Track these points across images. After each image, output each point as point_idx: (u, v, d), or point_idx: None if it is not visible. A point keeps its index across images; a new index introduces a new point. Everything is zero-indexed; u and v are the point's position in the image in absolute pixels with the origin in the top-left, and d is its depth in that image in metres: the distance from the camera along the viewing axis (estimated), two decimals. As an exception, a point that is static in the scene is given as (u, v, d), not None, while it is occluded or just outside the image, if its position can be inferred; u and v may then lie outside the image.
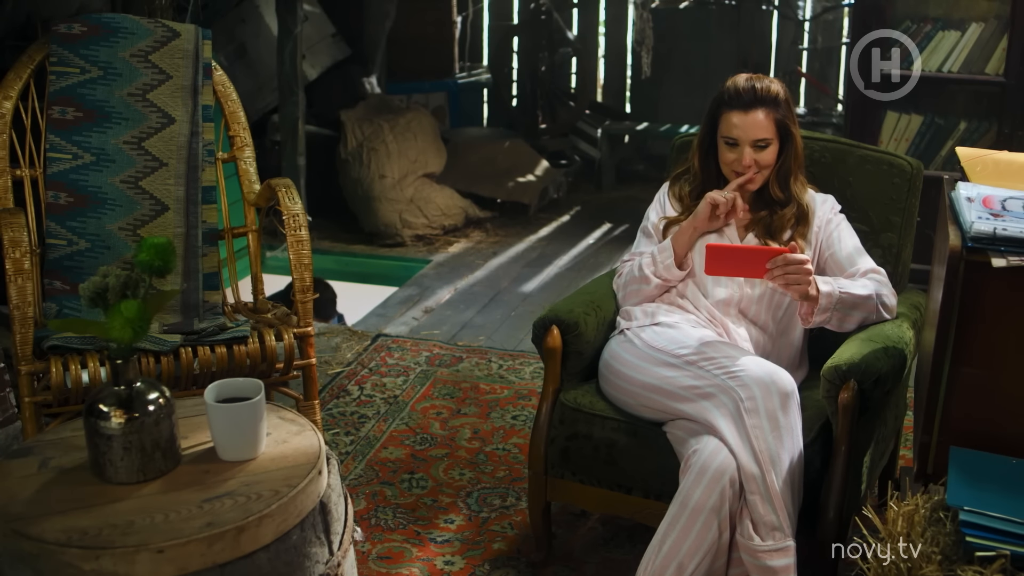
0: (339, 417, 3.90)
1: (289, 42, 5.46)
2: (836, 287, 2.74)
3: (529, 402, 3.98)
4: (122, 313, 2.14)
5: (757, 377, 2.56)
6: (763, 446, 2.49)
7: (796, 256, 2.64)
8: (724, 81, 2.94)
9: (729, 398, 2.56)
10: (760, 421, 2.51)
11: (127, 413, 2.14)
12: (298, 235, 3.15)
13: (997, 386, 2.29)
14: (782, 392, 2.54)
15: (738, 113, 2.85)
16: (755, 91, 2.85)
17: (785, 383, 2.56)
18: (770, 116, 2.84)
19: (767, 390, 2.53)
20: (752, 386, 2.54)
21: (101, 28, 3.44)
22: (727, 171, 2.93)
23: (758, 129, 2.84)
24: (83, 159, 3.36)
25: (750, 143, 2.85)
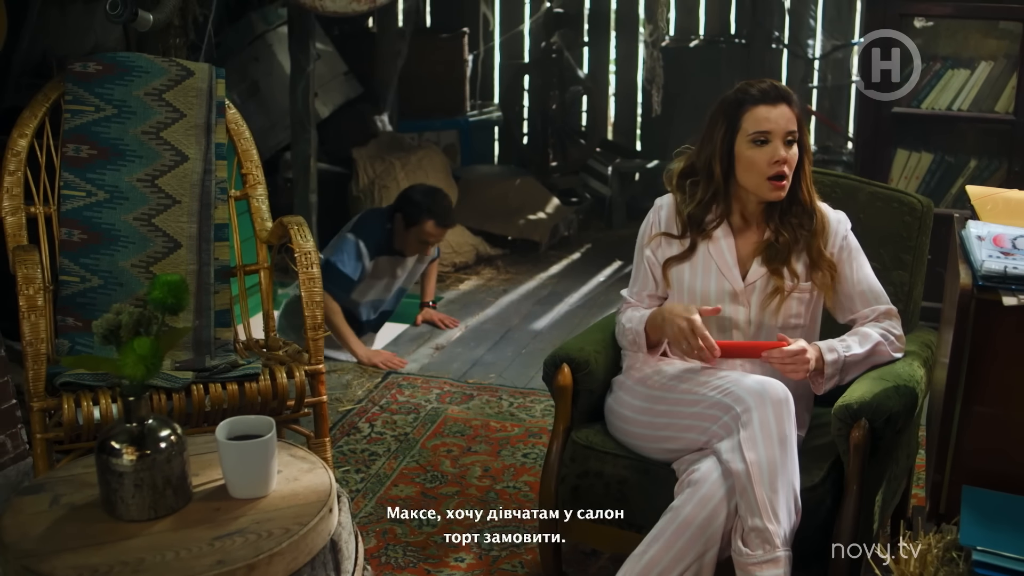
0: (349, 454, 3.89)
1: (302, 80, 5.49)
2: (842, 353, 2.73)
3: (540, 440, 3.97)
4: (135, 350, 2.15)
5: (749, 388, 2.58)
6: (754, 456, 2.49)
7: (791, 349, 2.66)
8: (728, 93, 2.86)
9: (726, 414, 2.59)
10: (753, 432, 2.52)
11: (139, 450, 2.15)
12: (310, 272, 3.16)
13: (1009, 425, 2.28)
14: (774, 401, 2.54)
15: (766, 107, 2.75)
16: (777, 88, 2.79)
17: (777, 392, 2.56)
18: (793, 112, 2.77)
19: (760, 399, 2.54)
20: (745, 398, 2.56)
21: (116, 67, 3.47)
22: (756, 179, 2.78)
23: (789, 121, 2.75)
24: (97, 196, 3.39)
25: (782, 137, 2.75)
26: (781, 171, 2.75)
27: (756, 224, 2.89)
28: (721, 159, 2.81)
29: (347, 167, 6.36)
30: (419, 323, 5.33)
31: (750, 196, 2.84)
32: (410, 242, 4.88)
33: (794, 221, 2.83)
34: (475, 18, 7.29)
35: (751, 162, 2.77)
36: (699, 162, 2.88)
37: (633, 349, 2.91)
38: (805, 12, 6.89)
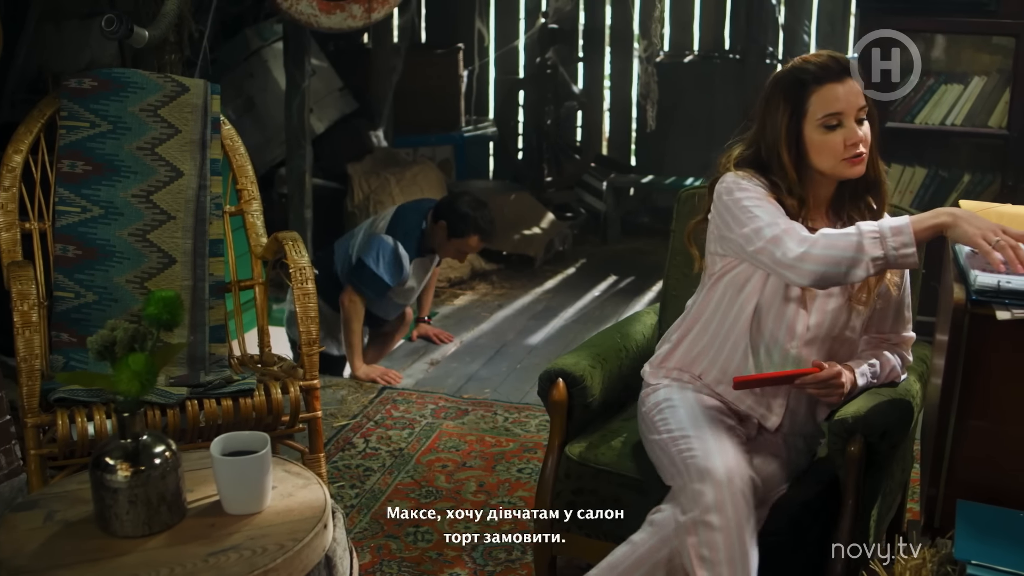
0: (344, 470, 3.89)
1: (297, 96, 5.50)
2: (870, 377, 2.67)
3: (535, 455, 3.97)
4: (129, 366, 2.15)
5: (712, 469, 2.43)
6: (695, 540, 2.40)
7: (826, 375, 2.54)
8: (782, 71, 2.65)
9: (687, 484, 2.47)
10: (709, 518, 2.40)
11: (133, 466, 2.15)
12: (304, 288, 3.16)
13: (1004, 439, 2.28)
14: (732, 489, 2.41)
15: (833, 85, 2.54)
16: (838, 61, 2.57)
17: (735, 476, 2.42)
18: (860, 86, 2.58)
19: (719, 485, 2.41)
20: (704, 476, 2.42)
21: (111, 83, 3.48)
22: (832, 162, 2.57)
23: (858, 96, 2.56)
24: (92, 212, 3.39)
25: (854, 115, 2.55)
26: (858, 151, 2.56)
27: (826, 214, 2.68)
28: (789, 147, 2.58)
29: (342, 182, 6.37)
30: (415, 338, 5.32)
31: (824, 179, 2.62)
32: (449, 250, 4.86)
33: (865, 201, 2.64)
34: (470, 34, 7.32)
35: (824, 146, 2.56)
36: (765, 150, 2.63)
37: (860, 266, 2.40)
38: (799, 27, 6.92)
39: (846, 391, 2.60)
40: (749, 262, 2.61)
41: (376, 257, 4.65)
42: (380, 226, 4.78)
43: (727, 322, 2.71)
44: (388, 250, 4.67)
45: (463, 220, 4.75)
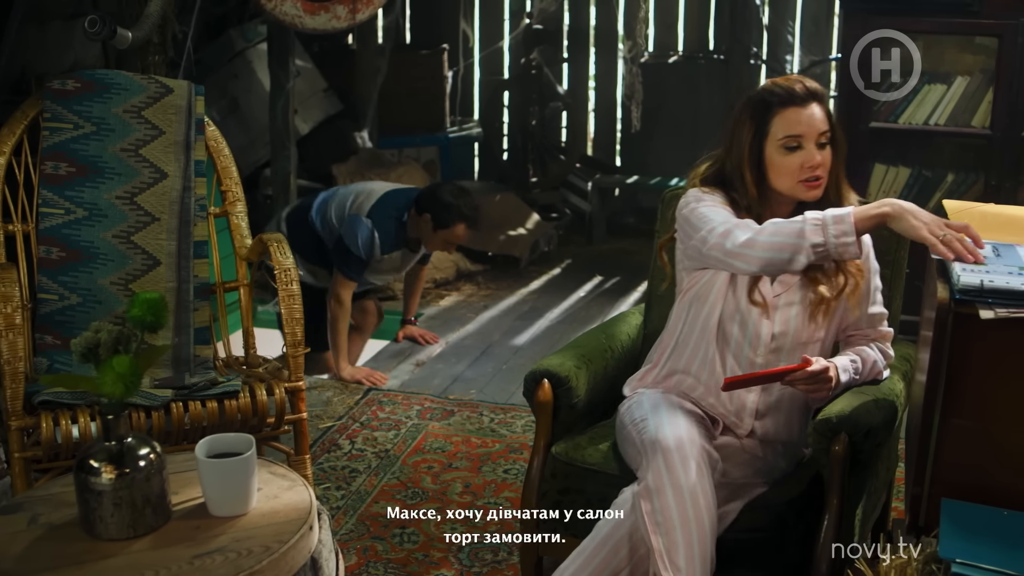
0: (330, 471, 3.88)
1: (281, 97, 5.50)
2: (852, 375, 2.69)
3: (521, 456, 3.97)
4: (114, 368, 2.15)
5: (649, 437, 2.55)
6: (648, 507, 2.47)
7: (814, 370, 2.56)
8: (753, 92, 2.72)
9: (641, 457, 2.57)
10: (647, 483, 2.49)
11: (118, 469, 2.14)
12: (289, 289, 3.16)
13: (988, 437, 2.29)
14: (664, 450, 2.50)
15: (796, 109, 2.62)
16: (806, 86, 2.65)
17: (667, 440, 2.51)
18: (824, 111, 2.65)
19: (653, 449, 2.52)
20: (656, 447, 2.52)
21: (95, 84, 3.47)
22: (789, 183, 2.65)
23: (820, 122, 2.63)
24: (75, 214, 3.38)
25: (814, 140, 2.62)
26: (815, 175, 2.64)
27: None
28: (751, 165, 2.67)
29: (327, 183, 6.35)
30: (400, 339, 5.30)
31: (783, 199, 2.70)
32: (436, 242, 4.79)
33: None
34: (455, 35, 7.31)
35: (783, 167, 2.65)
36: (729, 167, 2.73)
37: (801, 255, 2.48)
38: (783, 28, 6.94)
39: (834, 385, 2.62)
40: (708, 264, 2.69)
41: (355, 240, 4.60)
42: (364, 207, 4.70)
43: (694, 334, 2.80)
44: (366, 234, 4.61)
45: (447, 210, 4.68)
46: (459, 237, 4.78)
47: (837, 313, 2.75)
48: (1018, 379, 2.23)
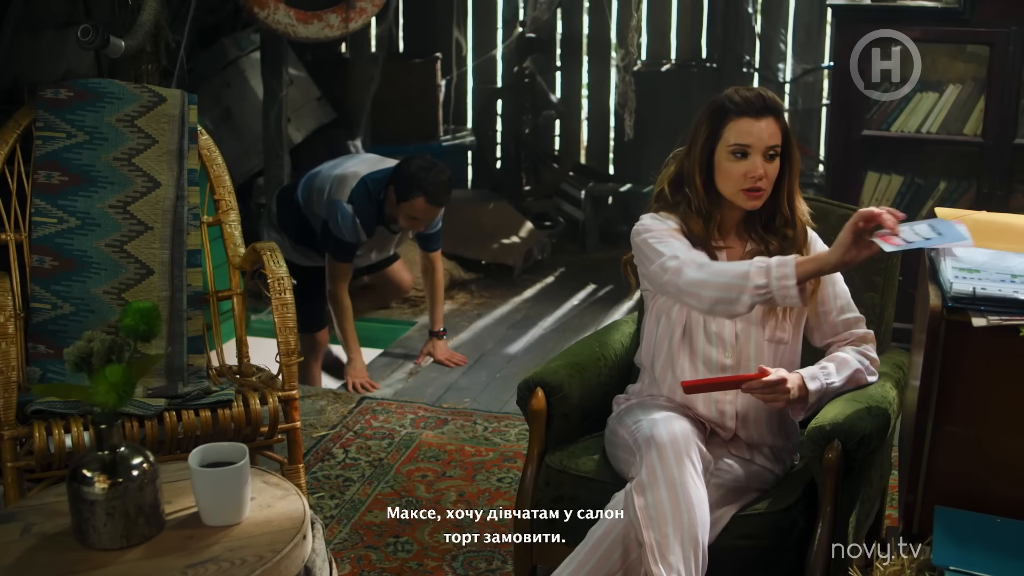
0: (324, 480, 3.88)
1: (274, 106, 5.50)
2: (823, 381, 2.69)
3: (515, 464, 3.97)
4: (106, 378, 2.14)
5: (643, 432, 2.61)
6: (641, 502, 2.50)
7: (770, 380, 2.60)
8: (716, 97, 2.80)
9: (634, 455, 2.62)
10: (641, 478, 2.53)
11: (111, 478, 2.14)
12: (283, 298, 3.15)
13: (980, 445, 2.30)
14: (659, 445, 2.54)
15: (749, 120, 2.69)
16: (763, 99, 2.72)
17: (661, 436, 2.56)
18: (778, 125, 2.71)
19: (647, 444, 2.56)
20: (640, 442, 2.59)
21: (87, 93, 3.47)
22: (732, 189, 2.73)
23: (771, 136, 2.69)
24: (68, 223, 3.37)
25: (762, 152, 2.69)
26: (756, 185, 2.71)
27: (738, 235, 2.83)
28: (701, 167, 2.76)
29: (320, 192, 6.35)
30: (420, 362, 5.12)
31: (730, 204, 2.78)
32: (400, 217, 4.63)
33: (779, 232, 2.77)
34: (448, 43, 7.32)
35: (728, 173, 2.72)
36: (686, 166, 2.83)
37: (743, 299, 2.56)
38: (775, 36, 6.95)
39: (792, 396, 2.64)
40: (663, 294, 2.79)
41: (339, 226, 4.58)
42: (344, 191, 4.63)
43: (664, 348, 2.86)
44: (347, 218, 4.57)
45: (407, 182, 4.53)
46: (419, 211, 4.58)
47: (797, 315, 2.81)
48: (1011, 386, 2.24)
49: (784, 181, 2.76)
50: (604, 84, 7.48)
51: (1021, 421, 2.26)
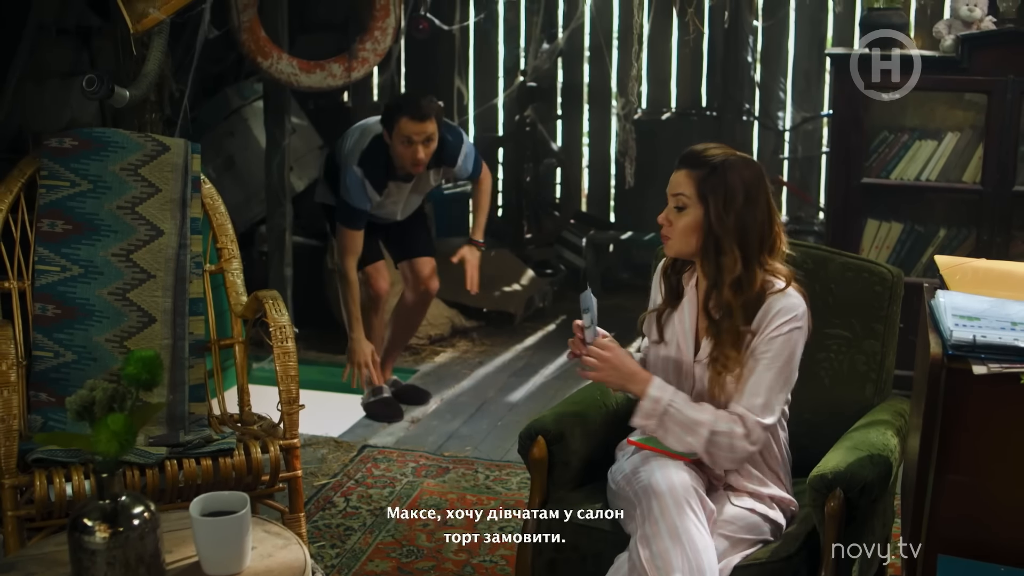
0: (325, 529, 3.86)
1: (277, 154, 5.53)
2: (669, 400, 2.69)
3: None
4: (108, 426, 2.15)
5: (642, 483, 2.60)
6: (647, 554, 2.50)
7: (602, 350, 2.74)
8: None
9: (636, 508, 2.61)
10: (644, 530, 2.53)
11: (111, 527, 2.14)
12: (285, 347, 3.16)
13: (983, 493, 2.29)
14: (657, 493, 2.54)
15: (675, 171, 2.78)
16: (692, 151, 2.77)
17: (658, 484, 2.56)
18: (692, 176, 2.72)
19: (646, 494, 2.56)
20: (639, 493, 2.58)
21: (92, 142, 3.49)
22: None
23: (675, 185, 2.75)
24: (71, 271, 3.39)
25: (675, 201, 2.75)
26: (664, 232, 2.79)
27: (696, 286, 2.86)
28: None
29: (322, 240, 6.37)
30: (455, 259, 5.07)
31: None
32: (397, 152, 4.61)
33: (725, 296, 2.71)
34: (449, 91, 7.37)
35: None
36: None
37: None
38: (775, 85, 7.00)
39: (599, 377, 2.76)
40: None
41: (350, 194, 4.64)
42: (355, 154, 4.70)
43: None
44: (355, 181, 4.63)
45: (388, 113, 4.58)
46: (408, 132, 4.55)
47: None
48: (1012, 434, 2.24)
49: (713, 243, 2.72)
50: (605, 132, 7.52)
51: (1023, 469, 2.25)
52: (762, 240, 2.72)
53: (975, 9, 4.63)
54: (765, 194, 2.73)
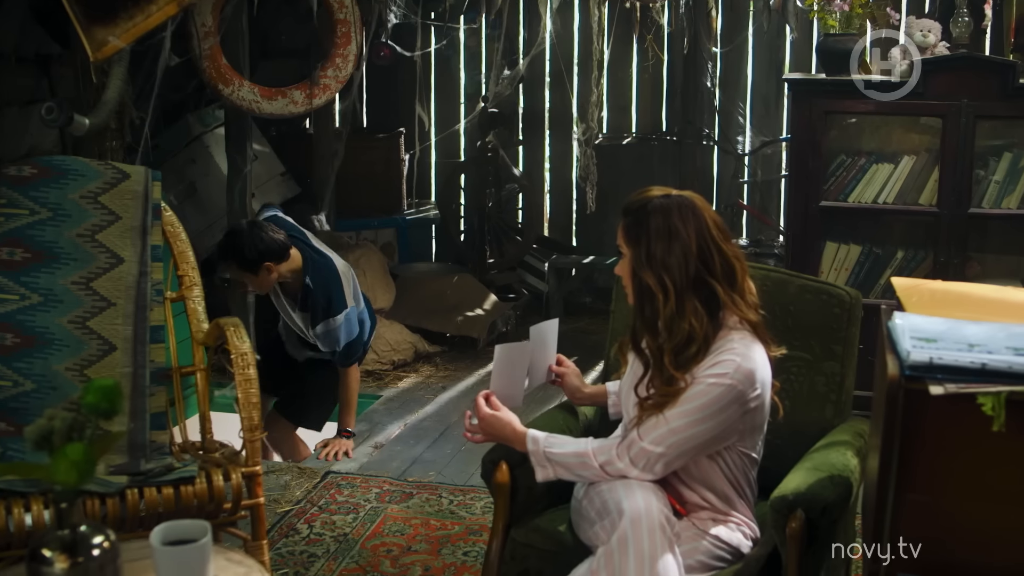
0: (288, 556, 3.84)
1: (239, 181, 5.51)
2: (544, 446, 2.78)
3: (480, 538, 3.95)
4: (67, 456, 2.13)
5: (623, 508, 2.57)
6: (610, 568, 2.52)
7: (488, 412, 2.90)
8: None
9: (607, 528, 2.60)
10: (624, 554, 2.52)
11: (71, 558, 2.11)
12: (246, 374, 3.15)
13: (942, 511, 2.31)
14: (650, 522, 2.54)
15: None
16: (628, 199, 2.78)
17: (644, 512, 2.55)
18: (622, 225, 2.77)
19: (633, 521, 2.54)
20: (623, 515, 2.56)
21: (51, 170, 3.48)
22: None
23: (618, 236, 2.79)
24: (31, 300, 3.36)
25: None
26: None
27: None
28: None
29: (285, 267, 6.36)
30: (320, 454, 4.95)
31: None
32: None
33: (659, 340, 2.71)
34: (411, 118, 7.38)
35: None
36: None
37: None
38: (734, 110, 7.06)
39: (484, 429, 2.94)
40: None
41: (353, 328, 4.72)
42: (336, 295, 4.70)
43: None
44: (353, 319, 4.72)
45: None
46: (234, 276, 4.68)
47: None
48: (969, 453, 2.26)
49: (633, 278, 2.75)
50: (566, 157, 7.56)
51: (981, 487, 2.28)
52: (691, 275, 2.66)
53: (929, 35, 4.70)
54: (695, 227, 2.67)
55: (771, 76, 7.00)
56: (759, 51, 7.02)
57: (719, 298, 2.69)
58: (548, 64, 7.41)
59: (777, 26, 6.82)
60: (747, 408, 2.68)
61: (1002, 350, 2.21)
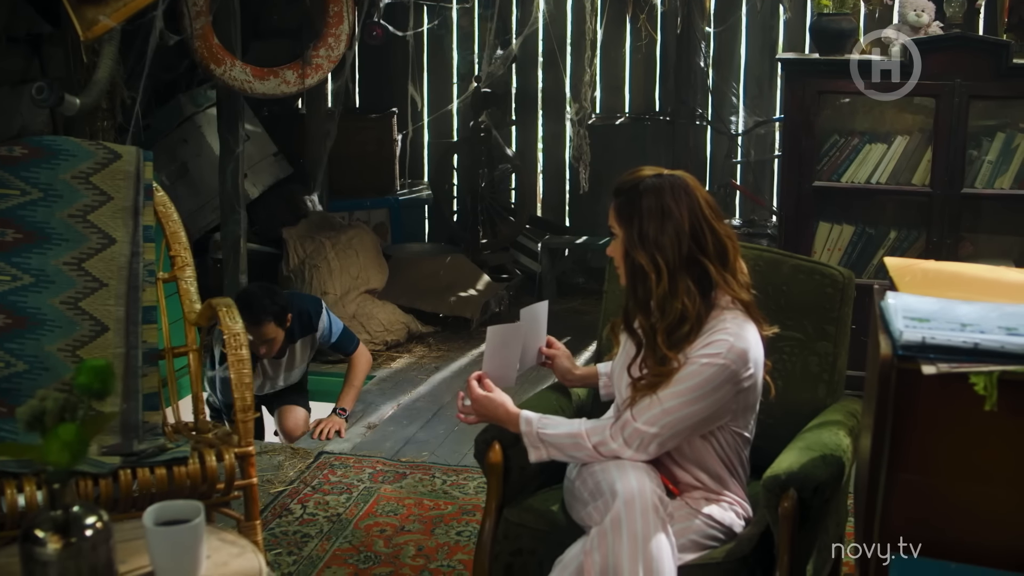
0: (281, 537, 3.85)
1: (231, 161, 5.50)
2: (537, 427, 2.78)
3: (473, 517, 3.96)
4: (60, 436, 2.12)
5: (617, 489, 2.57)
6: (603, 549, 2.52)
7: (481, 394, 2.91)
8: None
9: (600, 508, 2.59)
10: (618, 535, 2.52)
11: (64, 538, 2.11)
12: (239, 354, 3.14)
13: (934, 491, 2.32)
14: (643, 502, 2.54)
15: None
16: (619, 180, 2.76)
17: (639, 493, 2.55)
18: (614, 205, 2.75)
19: (627, 502, 2.54)
20: (614, 498, 2.56)
21: (42, 150, 3.46)
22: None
23: (609, 216, 2.78)
24: (22, 280, 3.35)
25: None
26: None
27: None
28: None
29: (277, 247, 6.36)
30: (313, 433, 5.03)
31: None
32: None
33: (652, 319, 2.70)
34: (403, 98, 7.36)
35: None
36: None
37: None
38: (727, 90, 7.05)
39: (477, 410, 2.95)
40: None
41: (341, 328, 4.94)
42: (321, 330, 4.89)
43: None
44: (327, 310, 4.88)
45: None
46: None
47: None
48: (961, 432, 2.26)
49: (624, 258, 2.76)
50: (559, 137, 7.55)
51: (972, 467, 2.28)
52: (684, 255, 2.66)
53: (923, 15, 4.69)
54: (688, 207, 2.66)
55: (764, 56, 6.98)
56: (752, 31, 7.01)
57: (711, 278, 2.69)
58: (541, 44, 7.39)
59: (770, 6, 6.81)
60: (740, 388, 2.68)
61: (994, 330, 2.21)
